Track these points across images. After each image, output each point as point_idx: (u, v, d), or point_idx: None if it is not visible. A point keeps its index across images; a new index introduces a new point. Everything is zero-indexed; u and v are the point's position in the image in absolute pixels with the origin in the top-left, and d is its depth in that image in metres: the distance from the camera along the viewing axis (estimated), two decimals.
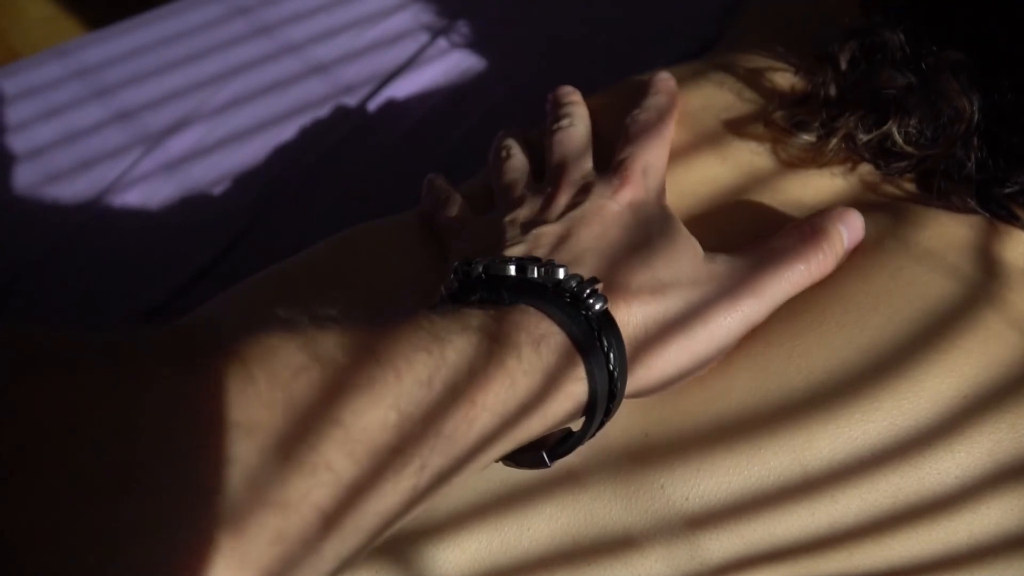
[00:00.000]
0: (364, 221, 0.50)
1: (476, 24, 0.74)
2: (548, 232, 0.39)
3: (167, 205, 0.67)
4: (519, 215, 0.42)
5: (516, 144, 0.48)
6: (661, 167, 0.43)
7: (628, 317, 0.36)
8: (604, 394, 0.34)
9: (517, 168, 0.46)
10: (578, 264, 0.37)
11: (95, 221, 0.66)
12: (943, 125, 0.43)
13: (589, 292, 0.35)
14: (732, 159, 0.46)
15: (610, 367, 0.34)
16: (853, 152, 0.45)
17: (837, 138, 0.44)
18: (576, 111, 0.47)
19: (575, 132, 0.46)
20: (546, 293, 0.35)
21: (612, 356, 0.34)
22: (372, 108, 0.70)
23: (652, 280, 0.37)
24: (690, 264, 0.38)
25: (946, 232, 0.41)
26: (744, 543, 0.37)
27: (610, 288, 0.36)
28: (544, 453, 0.35)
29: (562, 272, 0.35)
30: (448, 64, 0.72)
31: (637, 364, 0.36)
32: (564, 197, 0.42)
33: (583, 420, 0.35)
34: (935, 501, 0.37)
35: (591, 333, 0.34)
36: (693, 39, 0.69)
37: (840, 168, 0.45)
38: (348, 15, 0.77)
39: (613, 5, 0.74)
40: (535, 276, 0.35)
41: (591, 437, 0.36)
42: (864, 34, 0.45)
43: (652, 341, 0.36)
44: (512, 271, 0.36)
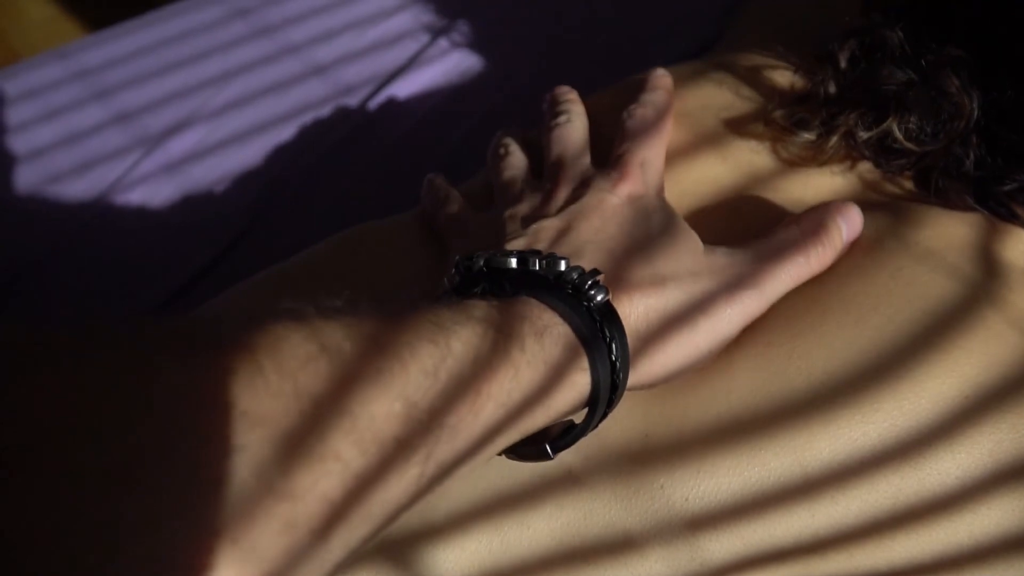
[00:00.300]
0: (364, 221, 0.50)
1: (476, 24, 0.74)
2: (548, 226, 0.39)
3: (167, 206, 0.67)
4: (519, 210, 0.42)
5: (514, 142, 0.48)
6: (659, 161, 0.43)
7: (629, 309, 0.36)
8: (607, 385, 0.34)
9: (516, 165, 0.46)
10: (579, 257, 0.37)
11: (95, 221, 0.66)
12: (943, 121, 0.43)
13: (590, 284, 0.35)
14: (732, 158, 0.46)
15: (612, 358, 0.34)
16: (853, 150, 0.45)
17: (837, 136, 0.44)
18: (573, 108, 0.47)
19: (573, 128, 0.46)
20: (548, 285, 0.35)
21: (614, 347, 0.34)
22: (372, 109, 0.70)
23: (652, 272, 0.37)
24: (690, 257, 0.38)
25: (946, 231, 0.41)
26: (744, 544, 0.37)
27: (611, 280, 0.36)
28: (547, 445, 0.35)
29: (563, 264, 0.35)
30: (448, 64, 0.72)
31: (639, 355, 0.36)
32: (563, 191, 0.42)
33: (585, 412, 0.35)
34: (936, 502, 0.37)
35: (593, 324, 0.34)
36: (693, 39, 0.69)
37: (840, 166, 0.45)
38: (348, 16, 0.77)
39: (613, 5, 0.74)
40: (536, 268, 0.35)
41: (594, 429, 0.36)
42: (864, 33, 0.45)
43: (653, 332, 0.37)
44: (513, 264, 0.36)
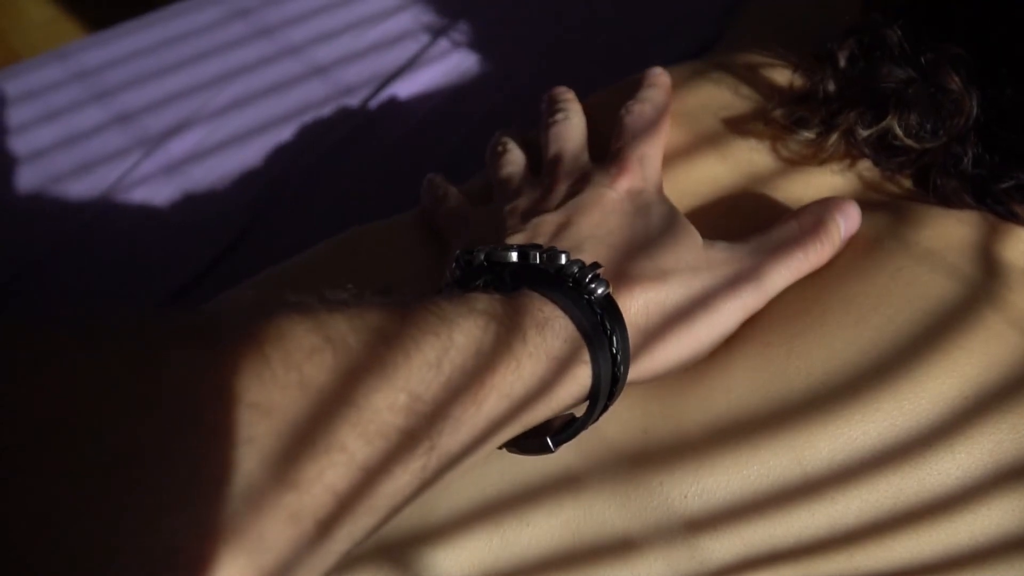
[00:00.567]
0: (364, 221, 0.50)
1: (476, 25, 0.74)
2: (548, 220, 0.39)
3: (167, 206, 0.67)
4: (519, 205, 0.42)
5: (512, 140, 0.48)
6: (657, 157, 0.44)
7: (630, 302, 0.36)
8: (608, 377, 0.34)
9: (514, 162, 0.46)
10: (579, 251, 0.37)
11: (95, 222, 0.66)
12: (944, 118, 0.43)
13: (591, 277, 0.35)
14: (732, 157, 0.46)
15: (613, 351, 0.34)
16: (853, 148, 0.45)
17: (837, 134, 0.44)
18: (571, 107, 0.48)
19: (571, 125, 0.46)
20: (548, 278, 0.35)
21: (615, 340, 0.34)
22: (372, 109, 0.70)
23: (653, 266, 0.37)
24: (689, 251, 0.38)
25: (946, 231, 0.41)
26: (744, 543, 0.37)
27: (611, 274, 0.36)
28: (548, 438, 0.36)
29: (564, 258, 0.36)
30: (448, 65, 0.72)
31: (639, 348, 0.36)
32: (563, 186, 0.42)
33: (586, 405, 0.35)
34: (936, 502, 0.37)
35: (594, 317, 0.34)
36: (693, 39, 0.69)
37: (839, 165, 0.45)
38: (348, 16, 0.77)
39: (613, 5, 0.74)
40: (537, 262, 0.36)
41: (594, 421, 0.36)
42: (863, 32, 0.45)
43: (654, 326, 0.37)
44: (514, 257, 0.36)
